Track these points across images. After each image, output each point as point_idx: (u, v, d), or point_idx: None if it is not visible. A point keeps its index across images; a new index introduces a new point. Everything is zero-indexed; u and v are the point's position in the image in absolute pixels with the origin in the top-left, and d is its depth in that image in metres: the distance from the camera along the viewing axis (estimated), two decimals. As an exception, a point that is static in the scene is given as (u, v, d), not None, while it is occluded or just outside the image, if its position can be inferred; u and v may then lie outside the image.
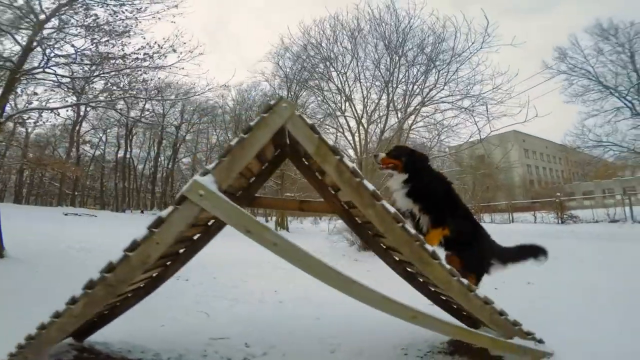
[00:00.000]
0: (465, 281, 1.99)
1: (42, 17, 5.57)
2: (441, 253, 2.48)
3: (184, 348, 2.60)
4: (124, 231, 12.32)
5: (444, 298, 2.92)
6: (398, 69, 9.29)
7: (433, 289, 2.87)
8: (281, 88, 16.49)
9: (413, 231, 1.85)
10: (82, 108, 12.77)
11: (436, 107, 9.52)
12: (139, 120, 12.97)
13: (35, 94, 6.69)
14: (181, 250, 2.47)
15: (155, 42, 6.08)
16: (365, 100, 9.92)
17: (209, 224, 2.46)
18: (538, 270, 4.96)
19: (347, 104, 10.17)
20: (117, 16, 6.07)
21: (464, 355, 2.36)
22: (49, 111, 6.97)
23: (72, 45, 6.00)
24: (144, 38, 5.99)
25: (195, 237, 2.48)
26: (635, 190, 21.71)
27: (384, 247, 2.77)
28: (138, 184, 30.31)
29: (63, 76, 6.35)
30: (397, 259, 2.81)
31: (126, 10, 6.13)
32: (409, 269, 2.81)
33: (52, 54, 5.80)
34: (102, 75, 6.33)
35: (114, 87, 6.83)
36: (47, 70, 6.01)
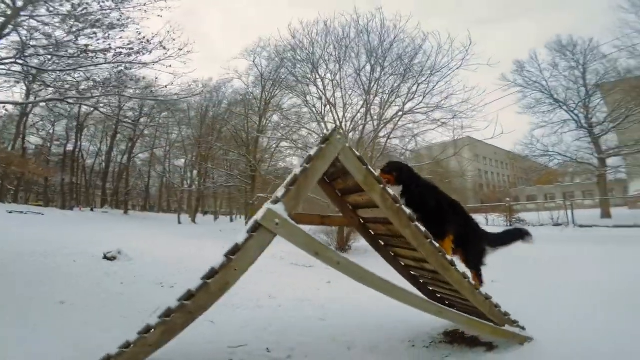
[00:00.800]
0: (472, 282, 2.42)
1: (20, 3, 5.20)
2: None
3: (207, 359, 2.67)
4: (79, 231, 11.58)
5: (439, 296, 3.37)
6: (379, 78, 9.76)
7: (431, 289, 3.32)
8: (255, 86, 16.47)
9: (437, 245, 2.24)
10: (32, 98, 11.55)
11: (412, 118, 10.19)
12: (97, 109, 12.03)
13: (-1, 86, 6.18)
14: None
15: (144, 37, 5.88)
16: (346, 106, 10.31)
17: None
18: (501, 271, 5.70)
19: (326, 108, 10.48)
20: (99, 4, 5.79)
21: (462, 344, 2.78)
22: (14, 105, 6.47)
23: (49, 36, 5.66)
24: (139, 32, 5.76)
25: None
26: (574, 196, 24.73)
27: (392, 254, 3.16)
28: (87, 180, 28.07)
29: (35, 68, 5.96)
30: (403, 264, 3.20)
31: (109, -1, 5.85)
32: (412, 272, 3.22)
33: (29, 45, 5.44)
34: (79, 69, 6.02)
35: (92, 82, 6.52)
36: (18, 61, 5.62)
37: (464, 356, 2.53)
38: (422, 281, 3.23)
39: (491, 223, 15.87)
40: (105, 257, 7.41)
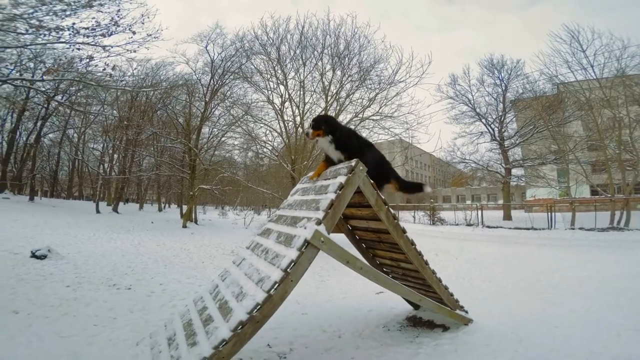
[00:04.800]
0: (439, 276, 3.16)
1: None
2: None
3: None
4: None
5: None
6: (342, 83, 10.34)
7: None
8: (204, 73, 15.62)
9: (419, 250, 2.90)
10: None
11: (366, 125, 11.01)
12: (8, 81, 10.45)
13: None
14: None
15: (112, 18, 5.40)
16: (306, 105, 10.66)
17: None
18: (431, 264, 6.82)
19: (285, 105, 10.72)
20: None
21: (423, 326, 3.53)
22: None
23: None
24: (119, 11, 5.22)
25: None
26: (481, 198, 29.05)
27: (372, 255, 3.80)
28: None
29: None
30: (378, 262, 3.85)
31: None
32: (385, 269, 3.90)
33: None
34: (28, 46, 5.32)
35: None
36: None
37: (429, 335, 3.26)
38: (391, 276, 3.93)
39: (417, 221, 18.04)
40: (33, 255, 6.70)
